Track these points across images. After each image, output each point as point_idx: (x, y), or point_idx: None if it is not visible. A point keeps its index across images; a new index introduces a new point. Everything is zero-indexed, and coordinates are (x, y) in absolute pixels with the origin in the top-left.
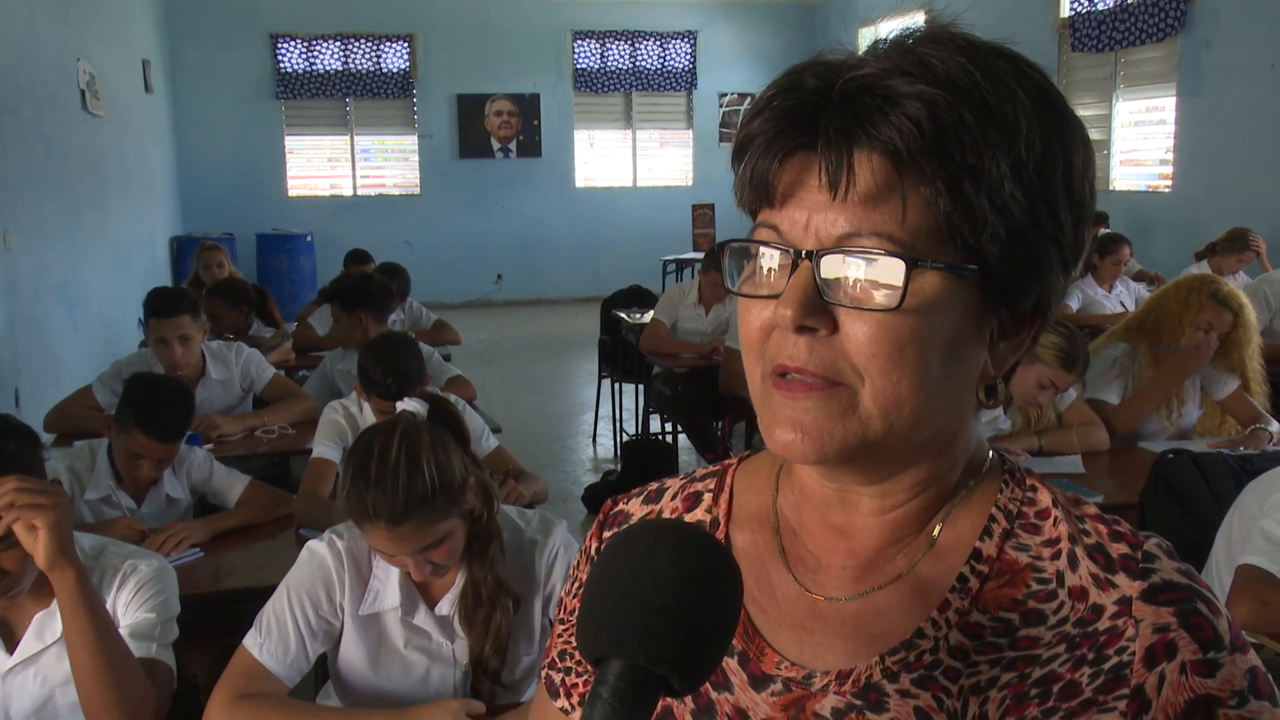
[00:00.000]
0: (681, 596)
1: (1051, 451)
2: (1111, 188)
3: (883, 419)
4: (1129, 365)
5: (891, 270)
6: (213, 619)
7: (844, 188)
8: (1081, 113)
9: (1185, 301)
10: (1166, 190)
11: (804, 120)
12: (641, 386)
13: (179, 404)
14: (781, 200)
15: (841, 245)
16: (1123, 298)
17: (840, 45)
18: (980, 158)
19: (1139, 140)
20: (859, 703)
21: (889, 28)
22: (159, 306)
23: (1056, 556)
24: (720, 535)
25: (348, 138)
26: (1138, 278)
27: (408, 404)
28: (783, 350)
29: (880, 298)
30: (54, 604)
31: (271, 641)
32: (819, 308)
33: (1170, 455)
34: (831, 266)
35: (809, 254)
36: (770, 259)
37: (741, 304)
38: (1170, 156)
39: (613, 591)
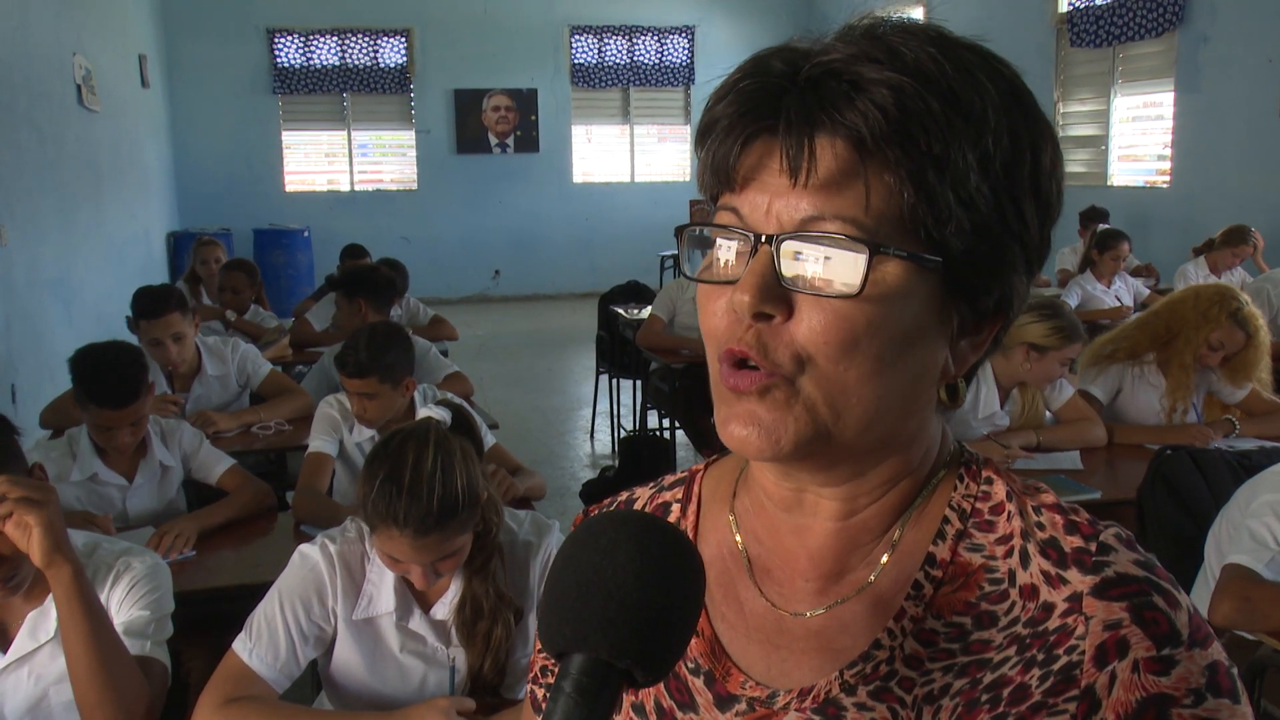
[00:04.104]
0: (644, 589)
1: (1050, 448)
2: (1110, 183)
3: (828, 406)
4: (1128, 368)
5: (853, 257)
6: (206, 616)
7: (804, 173)
8: (1079, 108)
9: (1205, 315)
10: (1165, 185)
11: (767, 104)
12: (639, 382)
13: (124, 368)
14: (742, 184)
15: (803, 230)
16: (1121, 293)
17: (810, 33)
18: (946, 147)
19: (1137, 135)
20: (818, 719)
21: None
22: (147, 307)
23: (1009, 554)
24: None
25: (345, 133)
26: (1135, 273)
27: (433, 411)
28: (732, 335)
29: (840, 284)
30: (47, 602)
31: (262, 646)
32: (777, 294)
33: (1169, 452)
34: (792, 252)
35: (769, 238)
36: (729, 247)
37: (701, 293)
38: (1168, 152)
39: (574, 585)
